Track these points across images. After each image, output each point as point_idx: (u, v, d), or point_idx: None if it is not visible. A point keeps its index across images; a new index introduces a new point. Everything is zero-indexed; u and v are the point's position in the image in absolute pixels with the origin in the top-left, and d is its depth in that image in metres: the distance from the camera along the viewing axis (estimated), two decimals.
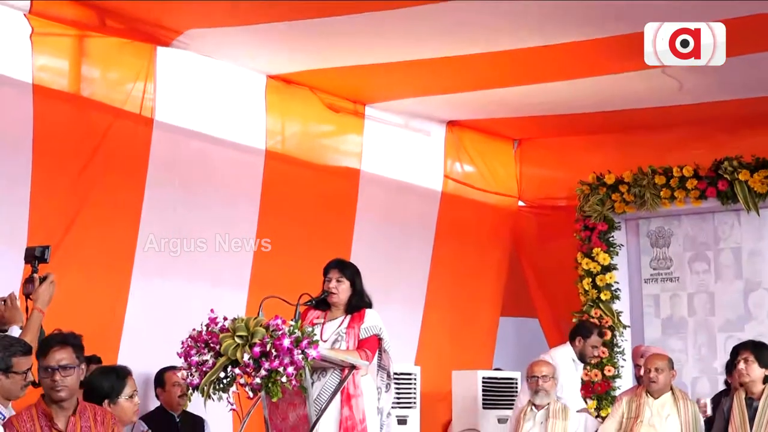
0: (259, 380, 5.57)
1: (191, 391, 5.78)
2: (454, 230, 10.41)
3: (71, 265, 7.10)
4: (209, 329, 5.77)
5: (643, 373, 8.19)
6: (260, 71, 8.72)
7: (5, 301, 5.57)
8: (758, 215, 9.73)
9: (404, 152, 10.11)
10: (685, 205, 10.00)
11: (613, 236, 10.33)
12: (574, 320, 9.94)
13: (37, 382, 5.03)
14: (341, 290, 6.69)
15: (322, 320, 6.69)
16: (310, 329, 5.82)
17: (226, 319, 5.78)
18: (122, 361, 7.00)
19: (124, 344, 7.57)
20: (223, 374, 5.68)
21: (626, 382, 9.91)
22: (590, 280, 10.23)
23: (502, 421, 9.28)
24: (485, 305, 10.80)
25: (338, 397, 6.32)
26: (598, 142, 10.56)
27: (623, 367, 10.07)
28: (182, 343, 5.82)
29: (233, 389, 5.75)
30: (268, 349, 5.57)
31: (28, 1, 7.12)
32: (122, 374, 5.42)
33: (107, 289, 7.60)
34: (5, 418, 4.94)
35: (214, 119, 8.42)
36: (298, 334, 5.66)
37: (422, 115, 10.09)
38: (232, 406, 5.76)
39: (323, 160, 9.38)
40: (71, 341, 4.94)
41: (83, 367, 5.00)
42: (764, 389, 7.39)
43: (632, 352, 9.53)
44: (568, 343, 8.84)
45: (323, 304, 6.72)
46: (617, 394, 9.46)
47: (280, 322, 5.66)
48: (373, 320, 6.63)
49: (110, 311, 7.59)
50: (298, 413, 6.08)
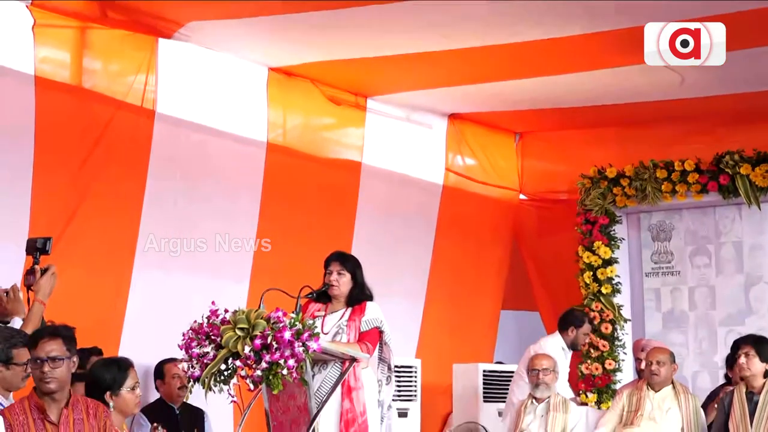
0: (260, 372, 5.58)
1: (192, 383, 5.79)
2: (455, 223, 10.40)
3: (73, 256, 7.10)
4: (210, 321, 5.77)
5: (644, 366, 8.19)
6: (262, 63, 8.72)
7: (7, 292, 5.57)
8: (759, 209, 9.72)
9: (405, 145, 10.10)
10: (686, 199, 9.99)
11: (614, 230, 10.32)
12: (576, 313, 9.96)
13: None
14: (342, 283, 6.69)
15: (323, 313, 6.68)
16: (311, 322, 5.82)
17: (227, 311, 5.78)
18: (123, 352, 7.02)
19: (125, 336, 7.57)
20: (224, 366, 5.68)
21: (627, 375, 9.91)
22: (591, 273, 10.22)
23: (502, 414, 9.27)
24: (486, 298, 10.80)
25: (339, 389, 6.31)
26: (599, 135, 10.55)
27: (624, 360, 10.07)
28: (183, 335, 5.82)
29: (234, 381, 5.75)
30: (269, 341, 5.57)
31: None
32: (124, 366, 5.41)
33: (108, 280, 7.61)
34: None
35: (215, 111, 8.42)
36: (299, 326, 5.66)
37: (424, 107, 10.08)
38: (232, 398, 5.76)
39: (324, 152, 9.37)
40: (62, 333, 4.91)
41: (75, 359, 4.95)
42: (765, 383, 7.40)
43: (633, 345, 9.53)
44: (557, 332, 8.87)
45: (324, 296, 6.71)
46: (618, 387, 9.47)
47: (281, 314, 5.66)
48: (374, 313, 6.63)
49: (111, 303, 7.59)
50: (298, 406, 6.08)
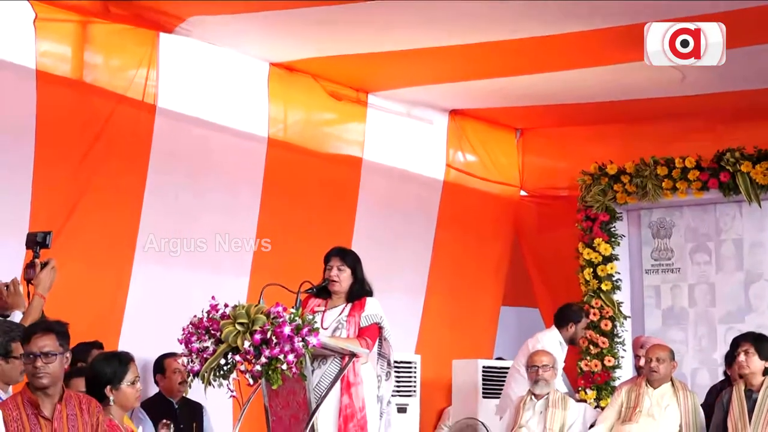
0: (259, 367, 5.59)
1: (191, 377, 5.80)
2: (455, 219, 10.40)
3: (73, 250, 7.10)
4: (210, 316, 5.78)
5: (643, 363, 8.20)
6: (263, 59, 8.71)
7: (7, 286, 5.58)
8: (760, 207, 9.70)
9: (406, 141, 10.09)
10: (686, 196, 9.97)
11: (614, 226, 10.30)
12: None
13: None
14: (342, 278, 6.70)
15: (322, 308, 6.69)
16: (310, 317, 5.83)
17: (227, 306, 5.79)
18: (123, 346, 7.01)
19: (124, 330, 7.57)
20: (223, 361, 5.69)
21: (626, 372, 9.90)
22: (591, 270, 10.21)
23: (497, 408, 9.26)
24: (486, 294, 10.80)
25: (338, 384, 6.32)
26: (600, 132, 10.54)
27: (623, 357, 10.06)
28: (183, 329, 5.84)
29: (233, 376, 5.76)
30: (268, 336, 5.58)
31: None
32: (125, 360, 5.42)
33: (108, 274, 7.61)
34: None
35: (216, 106, 8.41)
36: (298, 321, 5.67)
37: (425, 103, 10.07)
38: (232, 393, 5.77)
39: (325, 148, 9.37)
40: (55, 328, 4.91)
41: (68, 355, 4.96)
42: (764, 381, 7.40)
43: (633, 342, 9.53)
44: (554, 327, 8.89)
45: (324, 292, 6.72)
46: (617, 384, 9.47)
47: (281, 309, 5.68)
48: (373, 308, 6.64)
49: (111, 297, 7.59)
50: (298, 401, 6.09)
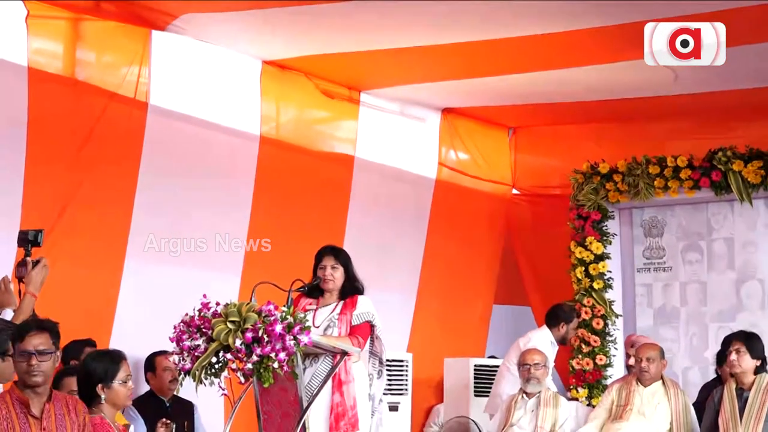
0: (250, 366, 5.59)
1: (183, 375, 5.79)
2: (447, 217, 10.40)
3: (64, 248, 7.09)
4: (201, 314, 5.78)
5: (633, 362, 8.21)
6: (255, 56, 8.70)
7: None
8: (751, 206, 9.72)
9: (399, 139, 10.09)
10: (678, 195, 9.98)
11: (606, 225, 10.32)
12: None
13: None
14: (336, 277, 6.69)
15: (314, 306, 6.68)
16: (302, 315, 5.83)
17: (218, 304, 5.79)
18: (114, 345, 7.01)
19: (116, 328, 7.57)
20: (214, 359, 5.69)
21: (618, 371, 9.92)
22: (583, 268, 10.23)
23: (486, 406, 9.26)
24: (478, 293, 10.81)
25: (329, 383, 6.32)
26: (592, 131, 10.55)
27: (615, 356, 10.08)
28: (174, 327, 5.84)
29: (225, 374, 5.76)
30: (260, 334, 5.59)
31: None
32: (117, 358, 5.41)
33: (100, 273, 7.59)
34: None
35: (208, 104, 8.40)
36: (290, 320, 5.67)
37: (417, 102, 10.07)
38: (223, 391, 5.77)
39: (318, 146, 9.36)
40: (48, 327, 4.91)
41: (58, 354, 4.97)
42: (755, 380, 7.41)
43: (624, 341, 9.55)
44: (545, 326, 8.90)
45: (315, 290, 6.72)
46: (608, 382, 9.48)
47: (272, 307, 5.68)
48: (365, 307, 6.63)
49: (103, 295, 7.58)
50: (289, 399, 6.09)
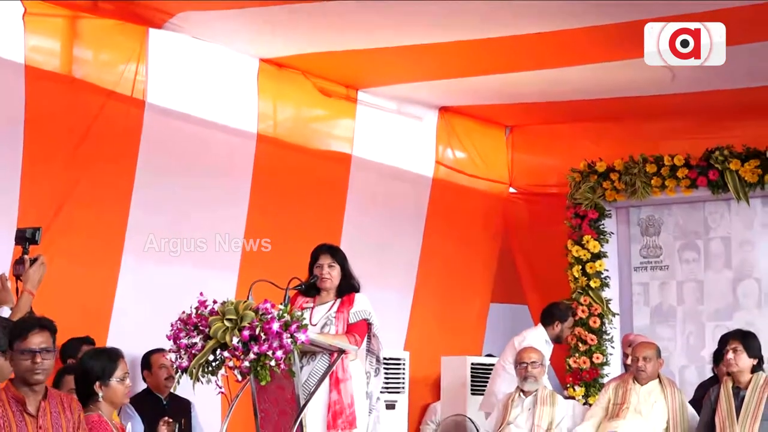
0: (247, 364, 5.58)
1: (180, 373, 5.79)
2: (444, 216, 10.40)
3: (61, 246, 7.09)
4: (199, 312, 5.78)
5: (630, 361, 8.21)
6: (253, 55, 8.70)
7: None
8: (748, 205, 9.73)
9: (396, 137, 10.09)
10: (675, 193, 9.99)
11: (603, 224, 10.33)
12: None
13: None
14: (333, 276, 6.69)
15: (311, 304, 6.68)
16: (299, 313, 5.83)
17: (215, 302, 5.79)
18: (111, 343, 7.01)
19: (113, 326, 7.56)
20: (211, 357, 5.69)
21: (614, 369, 9.93)
22: (580, 267, 10.24)
23: (481, 404, 9.26)
24: (475, 291, 10.81)
25: (327, 381, 6.32)
26: (589, 129, 10.56)
27: (612, 354, 10.09)
28: (171, 325, 5.83)
29: (222, 372, 5.76)
30: (257, 332, 5.58)
31: None
32: (114, 356, 5.41)
33: (97, 271, 7.59)
34: None
35: (205, 102, 8.40)
36: (287, 318, 5.66)
37: (414, 100, 10.07)
38: (220, 389, 5.77)
39: (315, 144, 9.36)
40: (49, 326, 4.92)
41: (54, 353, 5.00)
42: (752, 378, 7.41)
43: (621, 340, 9.56)
44: (540, 325, 8.90)
45: (312, 289, 6.71)
46: (605, 381, 9.48)
47: (269, 305, 5.67)
48: (362, 305, 6.64)
49: (100, 293, 7.58)
50: (286, 397, 6.09)
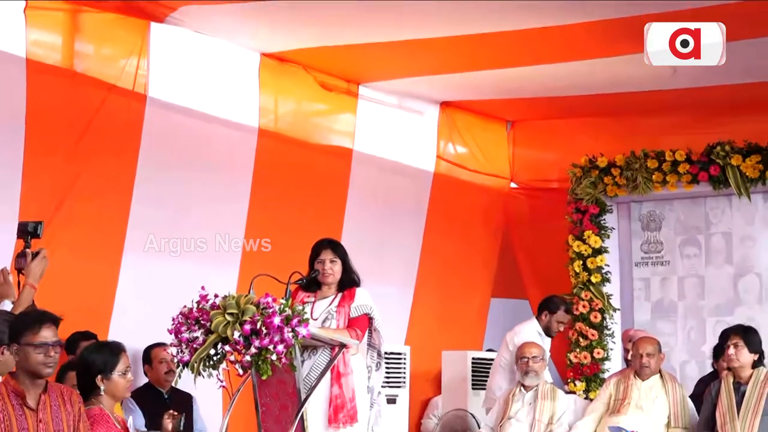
0: (249, 358, 5.58)
1: (181, 367, 5.79)
2: (445, 211, 10.40)
3: (63, 240, 7.09)
4: (200, 306, 5.78)
5: (631, 356, 8.21)
6: (254, 49, 8.69)
7: None
8: (749, 200, 9.73)
9: (397, 132, 10.08)
10: (676, 189, 9.99)
11: (604, 219, 10.33)
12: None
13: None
14: (336, 271, 6.70)
15: (312, 299, 6.69)
16: (300, 307, 5.83)
17: (216, 296, 5.79)
18: (112, 337, 7.00)
19: (114, 320, 7.57)
20: (213, 351, 5.69)
21: (615, 364, 9.93)
22: (581, 262, 10.23)
23: (484, 402, 9.27)
24: (476, 286, 10.81)
25: (328, 375, 6.32)
26: (591, 124, 10.55)
27: (612, 349, 10.09)
28: (173, 319, 5.83)
29: (223, 366, 5.76)
30: (258, 326, 5.58)
31: None
32: (116, 350, 5.40)
33: (98, 264, 7.60)
34: None
35: (207, 96, 8.39)
36: (288, 312, 5.67)
37: (416, 95, 10.06)
38: (221, 383, 5.77)
39: (316, 138, 9.36)
40: (56, 320, 4.92)
41: None
42: (752, 374, 7.42)
43: (622, 335, 9.56)
44: (533, 318, 8.90)
45: (313, 284, 6.71)
46: (606, 376, 9.49)
47: (270, 300, 5.67)
48: (363, 299, 6.64)
49: (101, 287, 7.58)
50: (287, 391, 6.09)
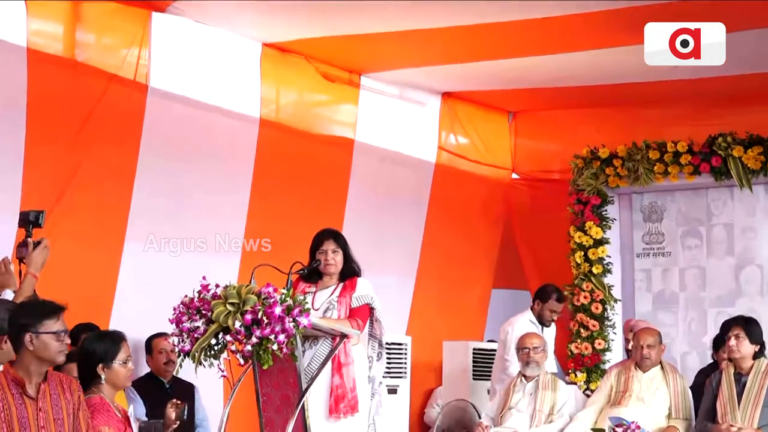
0: (250, 347, 5.59)
1: (182, 357, 5.80)
2: (447, 201, 10.40)
3: (64, 230, 7.09)
4: (201, 296, 5.78)
5: (632, 347, 8.21)
6: (256, 39, 8.69)
7: None
8: (751, 191, 9.73)
9: (399, 123, 10.08)
10: (678, 180, 9.98)
11: (605, 210, 10.31)
12: (565, 293, 9.99)
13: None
14: (338, 261, 6.70)
15: (313, 289, 6.69)
16: (301, 297, 5.83)
17: (218, 286, 5.79)
18: (114, 326, 7.01)
19: (115, 310, 7.58)
20: (214, 341, 5.70)
21: (616, 355, 9.93)
22: (582, 253, 10.22)
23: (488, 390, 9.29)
24: (477, 277, 10.82)
25: (329, 365, 6.32)
26: (593, 115, 10.54)
27: (613, 340, 10.09)
28: (174, 309, 5.83)
29: (224, 356, 5.77)
30: (259, 316, 5.58)
31: None
32: (117, 339, 5.42)
33: (100, 254, 7.60)
34: None
35: (208, 86, 8.39)
36: (289, 302, 5.67)
37: (417, 85, 10.06)
38: (222, 373, 5.78)
39: (317, 129, 9.36)
40: (64, 308, 4.94)
41: None
42: (753, 365, 7.42)
43: (623, 326, 9.57)
44: (528, 309, 8.92)
45: (314, 274, 6.71)
46: (607, 367, 9.49)
47: (272, 289, 5.67)
48: (364, 289, 6.64)
49: (103, 276, 7.59)
50: (288, 381, 6.09)
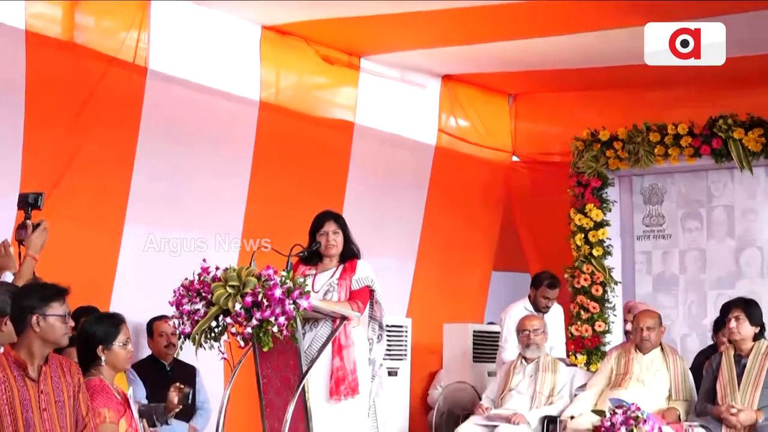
0: (250, 330, 5.59)
1: (183, 339, 5.80)
2: (447, 184, 10.40)
3: (64, 212, 7.09)
4: (201, 279, 5.78)
5: (632, 329, 8.22)
6: (255, 22, 8.67)
7: None
8: (751, 174, 9.72)
9: (399, 105, 10.07)
10: (678, 162, 9.98)
11: (606, 192, 10.31)
12: (565, 276, 10.01)
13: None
14: (338, 242, 6.69)
15: (313, 271, 6.69)
16: (301, 280, 5.83)
17: (218, 268, 5.79)
18: (114, 308, 7.02)
19: (116, 292, 7.58)
20: (214, 323, 5.69)
21: (616, 337, 9.94)
22: (583, 235, 10.22)
23: (492, 374, 9.31)
24: (477, 259, 10.83)
25: (329, 347, 6.33)
26: (593, 97, 10.52)
27: (614, 322, 10.10)
28: (174, 291, 5.83)
29: (224, 338, 5.77)
30: (259, 299, 5.58)
31: None
32: (116, 321, 5.42)
33: (100, 236, 7.60)
34: None
35: (208, 69, 8.38)
36: (289, 284, 5.67)
37: (417, 68, 10.04)
38: (223, 355, 5.78)
39: (317, 112, 9.35)
40: (68, 291, 4.94)
41: None
42: (753, 346, 7.43)
43: (623, 307, 9.58)
44: (526, 295, 8.95)
45: (314, 256, 6.71)
46: (607, 349, 9.50)
47: (272, 272, 5.67)
48: (365, 272, 6.63)
49: (102, 259, 7.59)
50: (289, 363, 6.09)
